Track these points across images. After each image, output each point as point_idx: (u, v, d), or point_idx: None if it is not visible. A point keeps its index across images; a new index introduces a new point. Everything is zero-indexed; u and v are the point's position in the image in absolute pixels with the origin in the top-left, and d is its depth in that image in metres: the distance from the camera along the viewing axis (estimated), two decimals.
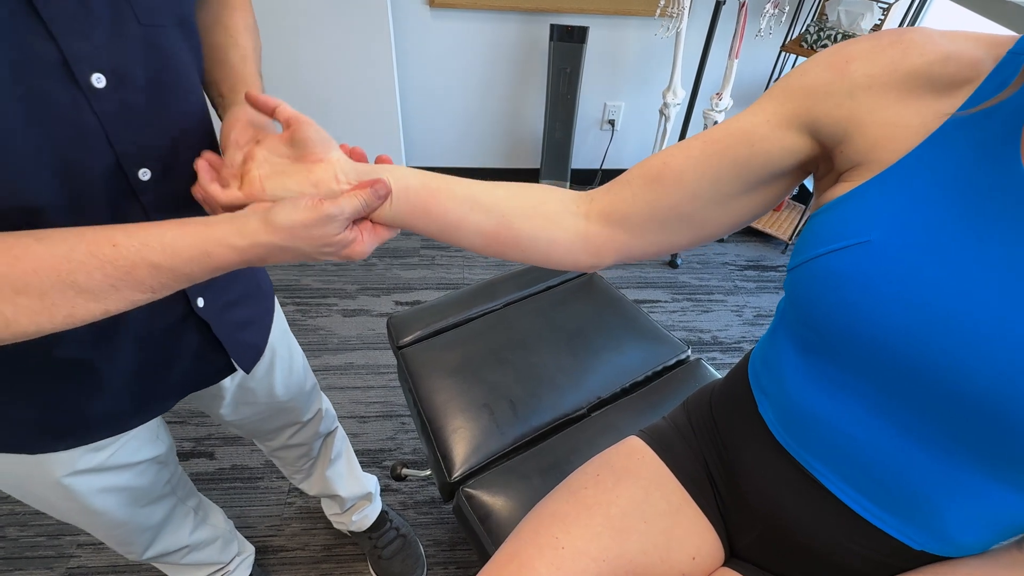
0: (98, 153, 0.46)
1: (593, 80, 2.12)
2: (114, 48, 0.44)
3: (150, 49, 0.47)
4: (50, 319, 0.39)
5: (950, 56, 0.42)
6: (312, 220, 0.45)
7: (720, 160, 0.50)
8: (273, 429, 0.93)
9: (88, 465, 0.64)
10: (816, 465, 0.53)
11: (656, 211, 0.53)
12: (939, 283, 0.41)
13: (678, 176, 0.52)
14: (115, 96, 0.45)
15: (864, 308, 0.43)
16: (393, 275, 1.96)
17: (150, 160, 0.50)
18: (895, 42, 0.44)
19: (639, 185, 0.54)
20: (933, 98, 0.42)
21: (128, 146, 0.48)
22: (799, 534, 0.55)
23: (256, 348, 0.76)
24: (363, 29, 1.75)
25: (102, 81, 0.44)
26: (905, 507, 0.48)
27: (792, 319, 0.53)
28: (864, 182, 0.45)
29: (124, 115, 0.46)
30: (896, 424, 0.46)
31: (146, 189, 0.51)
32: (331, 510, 1.19)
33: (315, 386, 0.98)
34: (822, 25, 1.84)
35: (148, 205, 0.52)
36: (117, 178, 0.48)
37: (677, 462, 0.66)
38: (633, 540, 0.59)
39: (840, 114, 0.45)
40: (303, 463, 1.04)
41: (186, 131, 0.54)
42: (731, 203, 0.52)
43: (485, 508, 0.81)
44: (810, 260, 0.46)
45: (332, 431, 1.07)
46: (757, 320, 1.91)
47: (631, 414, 0.93)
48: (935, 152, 0.42)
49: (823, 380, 0.50)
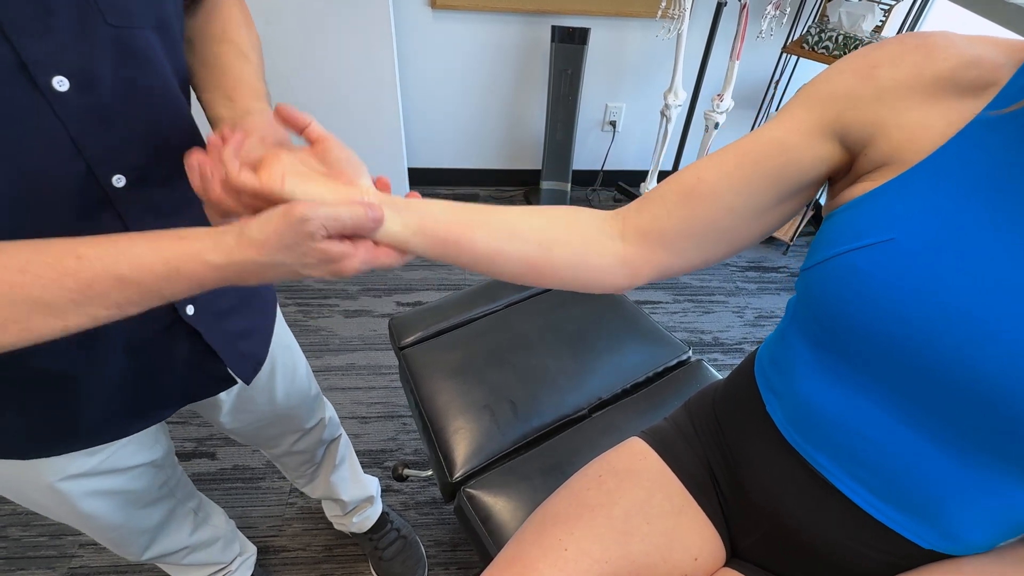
0: (65, 159, 0.44)
1: (594, 81, 2.13)
2: (78, 49, 0.42)
3: (121, 51, 0.45)
4: (1, 334, 0.37)
5: (973, 61, 0.42)
6: (284, 228, 0.41)
7: (754, 172, 0.50)
8: (274, 436, 0.92)
9: (81, 469, 0.63)
10: (825, 463, 0.53)
11: (692, 227, 0.52)
12: (962, 283, 0.41)
13: (713, 190, 0.51)
14: (80, 99, 0.43)
15: (885, 306, 0.43)
16: (395, 276, 1.96)
17: (124, 166, 0.48)
18: (920, 46, 0.44)
19: (673, 201, 0.53)
20: (957, 100, 0.43)
21: (98, 151, 0.45)
22: (804, 533, 0.55)
23: (256, 359, 0.73)
24: (365, 31, 1.75)
25: (64, 84, 0.42)
26: (915, 505, 0.48)
27: (806, 318, 0.53)
28: (887, 181, 0.45)
29: (91, 118, 0.44)
30: (910, 423, 0.46)
31: (121, 197, 0.48)
32: (332, 512, 1.19)
33: (319, 394, 0.97)
34: (823, 27, 1.84)
35: (125, 214, 0.49)
36: (88, 185, 0.46)
37: (679, 463, 0.66)
38: (636, 541, 0.59)
39: (867, 118, 0.46)
40: (306, 468, 1.04)
41: (165, 136, 0.51)
42: (765, 215, 0.52)
43: (486, 508, 0.81)
44: (831, 258, 0.46)
45: (336, 438, 1.07)
46: (758, 321, 1.91)
47: (632, 415, 0.94)
48: (960, 152, 0.42)
49: (836, 379, 0.50)
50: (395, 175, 2.08)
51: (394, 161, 2.08)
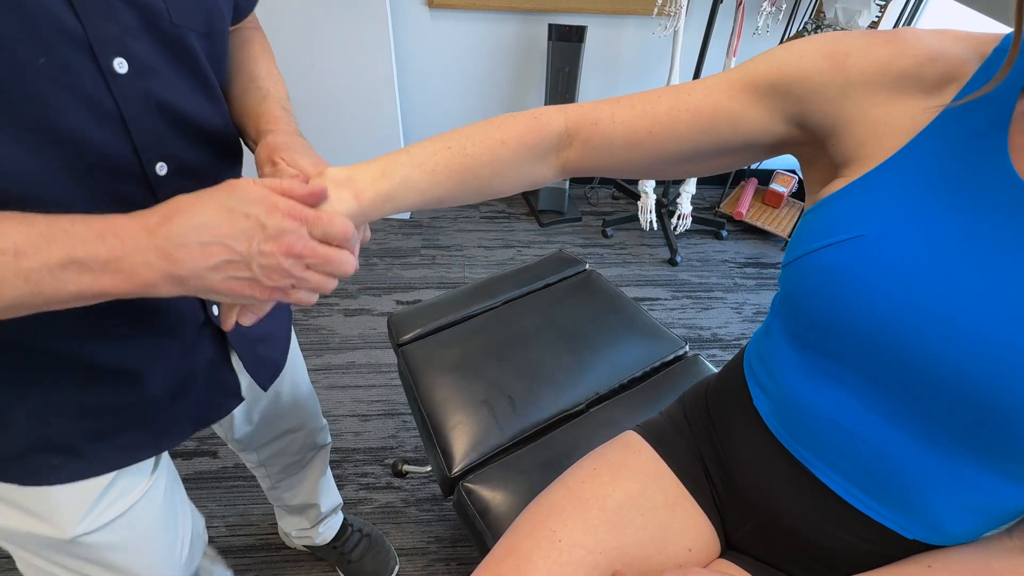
0: (115, 140, 0.45)
1: (592, 79, 2.13)
2: (141, 37, 0.44)
3: (177, 47, 0.48)
4: None
5: (937, 56, 0.43)
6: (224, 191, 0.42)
7: (703, 136, 0.52)
8: (273, 436, 0.91)
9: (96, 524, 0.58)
10: (808, 456, 0.53)
11: (626, 166, 0.56)
12: (928, 278, 0.42)
13: (659, 145, 0.54)
14: (136, 83, 0.45)
15: (856, 301, 0.44)
16: (394, 275, 1.97)
17: (167, 154, 0.49)
18: (889, 41, 0.45)
19: (619, 146, 0.55)
20: (922, 97, 0.44)
21: (146, 136, 0.47)
22: (793, 525, 0.56)
23: (275, 364, 0.73)
24: (362, 29, 1.75)
25: (124, 66, 0.43)
26: (896, 496, 0.49)
27: (786, 313, 0.54)
28: (856, 179, 0.46)
29: (144, 103, 0.46)
30: (886, 415, 0.47)
31: (162, 184, 0.49)
32: (299, 527, 1.13)
33: (312, 393, 0.97)
34: (819, 22, 1.85)
35: (161, 201, 0.51)
36: (132, 169, 0.47)
37: (673, 456, 0.67)
38: (630, 533, 0.60)
39: (831, 110, 0.46)
40: (293, 469, 1.01)
41: (206, 132, 0.53)
42: (699, 163, 0.56)
43: (484, 502, 0.82)
44: (805, 255, 0.47)
45: (327, 444, 1.06)
46: (757, 317, 1.91)
47: (629, 410, 0.94)
48: (925, 148, 0.43)
49: (815, 372, 0.51)
50: None
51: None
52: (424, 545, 1.27)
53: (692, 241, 2.22)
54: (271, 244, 0.42)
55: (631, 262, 2.11)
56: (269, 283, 0.43)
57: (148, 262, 0.39)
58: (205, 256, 0.40)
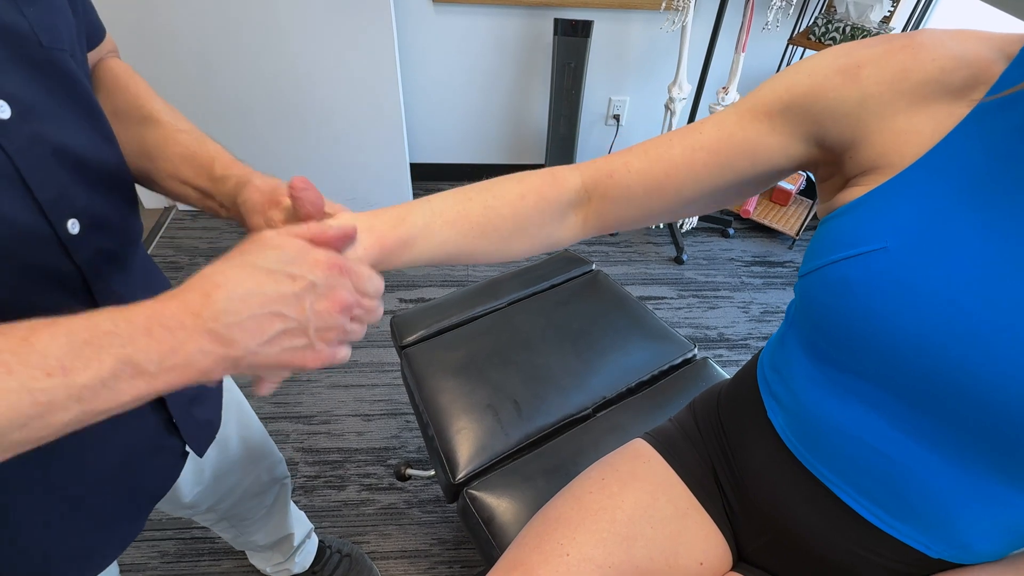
0: (16, 202, 0.38)
1: (598, 75, 2.10)
2: (12, 71, 0.38)
3: (56, 76, 0.41)
4: None
5: (961, 59, 0.41)
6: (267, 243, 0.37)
7: (722, 173, 0.51)
8: (229, 487, 0.83)
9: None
10: (826, 473, 0.51)
11: (648, 214, 0.55)
12: (956, 291, 0.40)
13: (678, 187, 0.52)
14: (24, 129, 0.38)
15: (881, 316, 0.42)
16: (397, 272, 1.95)
17: (76, 208, 0.42)
18: (906, 47, 0.43)
19: (639, 195, 0.54)
20: (947, 103, 0.42)
21: (50, 190, 0.40)
22: (811, 541, 0.54)
23: (211, 426, 0.67)
24: (366, 25, 1.73)
25: (7, 111, 0.36)
26: (920, 516, 0.47)
27: (804, 325, 0.52)
28: (877, 186, 0.44)
29: (39, 152, 0.39)
30: (911, 432, 0.45)
31: (78, 246, 0.43)
32: (274, 561, 1.08)
33: (263, 430, 0.90)
34: (830, 18, 1.82)
35: (84, 265, 0.44)
36: (42, 232, 0.40)
37: (684, 466, 0.65)
38: (639, 546, 0.58)
39: (849, 125, 0.45)
40: (258, 512, 0.94)
41: (103, 176, 0.46)
42: (721, 200, 0.54)
43: (489, 510, 0.80)
44: (824, 266, 0.45)
45: (286, 477, 1.00)
46: (764, 316, 1.89)
47: (637, 414, 0.92)
48: (952, 152, 0.41)
49: (836, 387, 0.49)
50: (397, 171, 2.07)
51: (395, 156, 2.07)
52: (427, 547, 1.26)
53: (698, 239, 2.20)
54: (324, 302, 0.38)
55: (637, 260, 2.09)
56: (322, 345, 0.39)
57: (203, 350, 0.33)
58: (261, 331, 0.35)
